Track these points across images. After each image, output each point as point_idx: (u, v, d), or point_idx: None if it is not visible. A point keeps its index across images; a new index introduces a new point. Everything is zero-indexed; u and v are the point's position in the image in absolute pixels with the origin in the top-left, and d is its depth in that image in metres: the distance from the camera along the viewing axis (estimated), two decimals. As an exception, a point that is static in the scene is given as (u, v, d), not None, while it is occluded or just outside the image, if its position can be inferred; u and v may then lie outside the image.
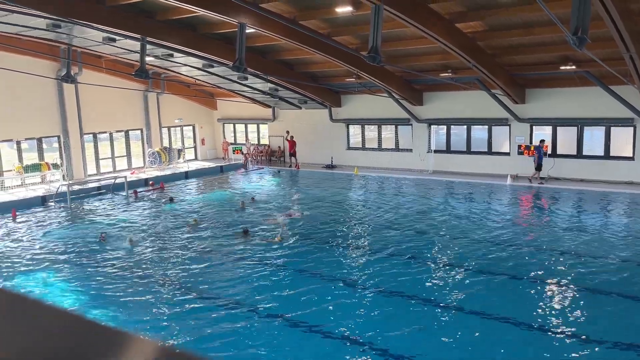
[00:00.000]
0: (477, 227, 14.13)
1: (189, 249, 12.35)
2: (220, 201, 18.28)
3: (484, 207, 16.82)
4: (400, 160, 24.59)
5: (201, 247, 12.44)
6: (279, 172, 23.70)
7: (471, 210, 16.29)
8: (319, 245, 12.44)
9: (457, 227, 14.08)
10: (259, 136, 30.39)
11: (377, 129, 25.82)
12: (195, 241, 12.98)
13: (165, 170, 25.85)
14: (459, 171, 22.83)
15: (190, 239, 13.30)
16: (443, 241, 12.79)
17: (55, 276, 10.85)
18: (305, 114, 27.33)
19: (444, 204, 17.30)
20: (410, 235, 13.36)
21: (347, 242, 12.87)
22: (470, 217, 15.25)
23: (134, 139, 27.28)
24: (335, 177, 23.92)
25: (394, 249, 12.09)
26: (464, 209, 16.52)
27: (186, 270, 10.78)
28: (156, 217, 16.16)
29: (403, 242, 12.68)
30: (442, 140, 23.95)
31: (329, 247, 12.22)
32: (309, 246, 12.25)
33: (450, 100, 22.74)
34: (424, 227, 14.23)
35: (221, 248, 12.36)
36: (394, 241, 12.79)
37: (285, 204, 16.79)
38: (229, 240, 12.95)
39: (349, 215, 15.78)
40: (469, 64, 16.70)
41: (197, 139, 30.67)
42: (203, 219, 15.38)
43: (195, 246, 12.53)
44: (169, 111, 28.23)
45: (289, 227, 13.58)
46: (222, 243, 12.81)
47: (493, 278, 10.22)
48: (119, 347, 0.82)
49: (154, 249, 12.50)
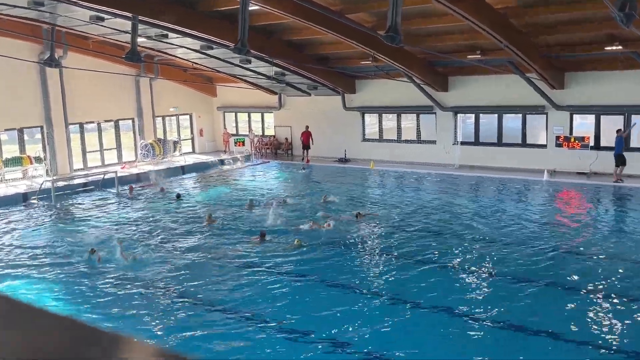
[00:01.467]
0: (510, 230, 14.11)
1: (197, 253, 12.50)
2: (230, 199, 18.50)
3: (518, 207, 16.77)
4: (422, 153, 24.57)
5: (212, 251, 12.61)
6: (303, 168, 23.56)
7: (503, 210, 16.27)
8: (339, 250, 12.55)
9: (488, 230, 14.09)
10: (263, 126, 30.50)
11: (396, 118, 25.81)
12: (205, 244, 13.14)
13: (160, 164, 26.02)
14: (489, 166, 22.76)
15: (200, 241, 13.45)
16: (471, 246, 12.81)
17: (38, 281, 10.98)
18: (315, 102, 27.35)
19: (472, 204, 17.27)
20: (433, 239, 13.40)
21: (366, 247, 12.92)
22: (502, 219, 15.23)
23: (124, 130, 27.40)
24: (349, 172, 23.95)
25: (417, 255, 12.16)
26: (495, 209, 16.51)
27: (193, 278, 10.91)
28: (158, 216, 16.27)
29: (427, 247, 12.72)
30: (469, 130, 23.90)
31: (349, 253, 12.35)
32: (330, 251, 12.37)
33: (478, 85, 22.65)
34: (450, 229, 14.25)
35: (234, 253, 12.52)
36: (416, 246, 12.83)
37: (327, 206, 16.74)
38: (243, 245, 13.11)
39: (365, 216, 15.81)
40: (500, 44, 16.61)
41: (194, 130, 30.85)
42: (215, 218, 15.58)
43: (205, 250, 12.68)
44: (164, 99, 28.35)
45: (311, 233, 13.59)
46: (236, 247, 12.96)
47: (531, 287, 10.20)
48: (115, 351, 0.90)
49: (155, 252, 12.65)
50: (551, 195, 18.68)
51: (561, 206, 17.39)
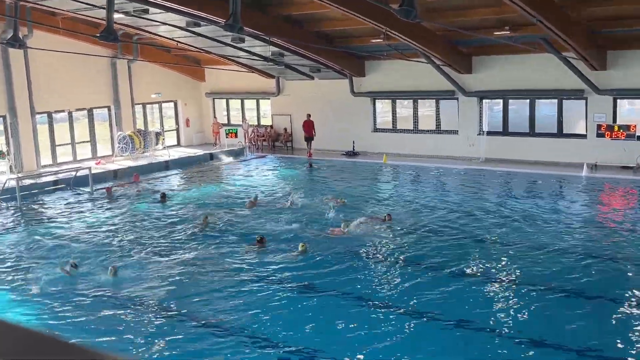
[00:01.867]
0: (545, 234, 14.06)
1: (186, 262, 12.54)
2: (223, 200, 18.57)
3: (553, 208, 16.71)
4: (442, 145, 24.55)
5: (205, 260, 12.66)
6: (310, 165, 23.48)
7: (537, 211, 16.21)
8: (350, 257, 12.57)
9: (518, 234, 14.07)
10: (259, 115, 30.50)
11: (413, 105, 25.75)
12: (196, 252, 13.21)
13: (140, 159, 26.01)
14: (519, 159, 22.71)
15: (190, 248, 13.50)
16: (500, 252, 12.78)
17: (3, 294, 11.03)
18: (318, 86, 27.29)
19: (500, 204, 17.26)
20: (456, 244, 13.38)
21: (380, 253, 12.93)
22: (534, 221, 15.18)
23: (99, 120, 27.39)
24: (358, 167, 23.93)
25: (438, 262, 12.15)
26: (526, 209, 16.45)
27: (182, 292, 10.94)
28: (141, 220, 16.27)
29: (448, 253, 12.70)
30: (497, 118, 23.83)
31: (361, 260, 12.40)
32: (339, 258, 12.40)
33: (507, 66, 22.61)
34: (475, 233, 14.22)
35: (228, 260, 12.56)
36: (437, 251, 12.84)
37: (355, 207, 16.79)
38: (237, 251, 13.14)
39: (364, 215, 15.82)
40: (533, 18, 16.49)
41: (180, 120, 30.88)
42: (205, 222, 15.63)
43: (195, 258, 12.73)
44: (144, 84, 28.29)
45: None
46: (229, 253, 13.00)
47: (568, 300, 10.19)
48: None
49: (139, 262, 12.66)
50: (592, 194, 18.58)
51: (603, 206, 17.31)
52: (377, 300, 10.29)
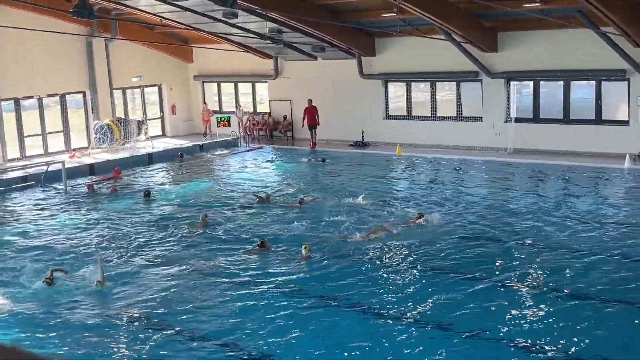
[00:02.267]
0: (582, 234, 14.05)
1: (177, 269, 12.57)
2: (217, 198, 18.61)
3: (591, 204, 16.65)
4: (464, 134, 24.49)
5: (198, 266, 12.70)
6: (322, 160, 23.14)
7: (571, 209, 16.19)
8: (356, 262, 12.62)
9: (552, 236, 14.07)
10: (255, 101, 30.38)
11: (430, 89, 25.64)
12: (188, 257, 13.24)
13: (120, 151, 25.89)
14: (552, 149, 22.72)
15: (181, 253, 13.53)
16: (531, 256, 12.79)
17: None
18: (323, 68, 27.19)
19: (531, 200, 17.20)
20: (481, 247, 13.36)
21: (396, 257, 12.94)
22: (570, 220, 15.11)
23: (73, 107, 27.25)
24: (368, 160, 23.84)
25: (462, 268, 12.16)
26: (561, 206, 16.43)
27: (174, 303, 10.94)
28: (124, 221, 16.30)
29: (473, 258, 12.71)
30: (526, 103, 23.68)
31: (374, 265, 12.43)
32: (349, 263, 12.47)
33: (538, 43, 22.53)
34: (502, 235, 14.23)
35: (227, 266, 12.61)
36: (461, 256, 12.83)
37: None
38: (237, 256, 13.21)
39: (393, 216, 15.86)
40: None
41: (165, 106, 30.77)
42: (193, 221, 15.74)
43: (188, 265, 12.77)
44: (124, 66, 28.19)
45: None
46: (229, 258, 13.07)
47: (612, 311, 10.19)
48: None
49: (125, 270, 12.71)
50: (635, 189, 18.54)
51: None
52: (399, 315, 10.16)
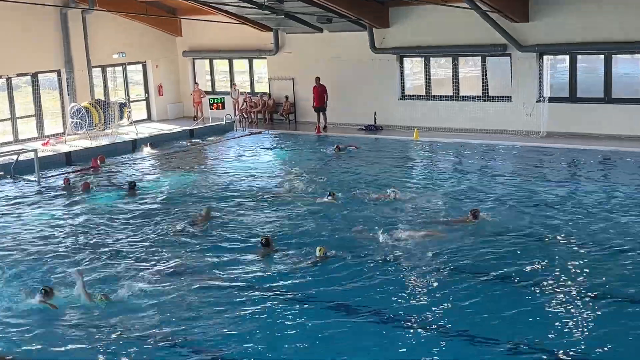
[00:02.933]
0: (627, 230, 13.62)
1: (172, 272, 12.26)
2: (213, 190, 18.43)
3: (637, 195, 16.25)
4: (491, 116, 24.19)
5: (195, 268, 12.46)
6: (339, 149, 21.88)
7: (614, 201, 15.82)
8: (381, 262, 12.43)
9: (592, 232, 13.74)
10: (252, 80, 30.32)
11: (452, 64, 25.39)
12: (183, 258, 12.89)
13: (99, 138, 25.83)
14: (591, 133, 22.32)
15: (175, 254, 13.18)
16: (568, 255, 12.47)
17: None
18: (329, 41, 26.97)
19: (567, 191, 16.99)
20: (513, 246, 13.00)
21: (418, 258, 12.61)
22: (612, 214, 14.74)
23: (47, 88, 27.36)
24: (382, 145, 23.64)
25: (490, 270, 11.85)
26: (602, 198, 16.12)
27: (172, 312, 10.57)
28: (107, 217, 15.98)
29: (504, 259, 12.39)
30: (562, 80, 23.51)
31: (394, 267, 12.28)
32: (370, 265, 12.23)
33: (576, 11, 22.05)
34: (536, 231, 13.89)
35: (228, 268, 12.40)
36: (490, 256, 12.51)
37: None
38: (240, 255, 13.07)
39: (409, 210, 15.56)
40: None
41: (150, 86, 30.65)
42: None
43: (184, 267, 12.47)
44: (104, 40, 28.07)
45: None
46: (230, 259, 12.90)
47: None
48: None
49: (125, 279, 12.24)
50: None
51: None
52: (429, 324, 9.84)
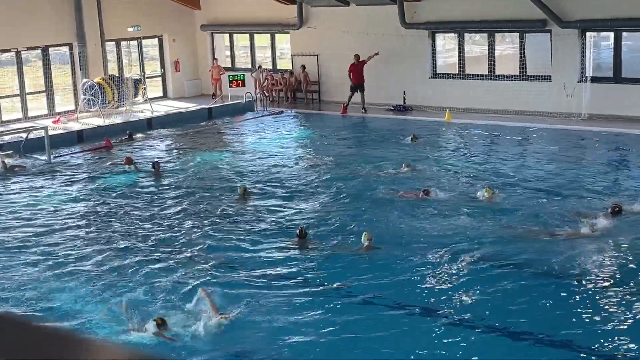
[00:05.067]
0: None
1: None
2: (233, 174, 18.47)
3: None
4: (529, 96, 23.83)
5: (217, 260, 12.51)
6: (415, 138, 20.52)
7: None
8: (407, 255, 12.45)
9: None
10: (274, 56, 30.33)
11: (487, 41, 25.35)
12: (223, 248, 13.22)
13: (113, 115, 25.85)
14: (637, 115, 22.07)
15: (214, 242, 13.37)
16: (614, 249, 12.44)
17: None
18: (356, 15, 26.69)
19: (611, 178, 17.14)
20: (554, 239, 12.98)
21: (439, 246, 12.69)
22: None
23: (58, 63, 27.39)
24: (411, 127, 23.18)
25: (526, 261, 12.01)
26: None
27: None
28: (130, 200, 16.22)
29: (542, 252, 12.38)
30: (605, 59, 23.69)
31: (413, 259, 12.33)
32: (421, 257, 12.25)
33: None
34: (576, 220, 13.79)
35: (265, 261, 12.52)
36: (527, 250, 12.51)
37: None
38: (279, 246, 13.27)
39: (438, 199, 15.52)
40: None
41: (166, 62, 30.64)
42: None
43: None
44: (118, 13, 27.86)
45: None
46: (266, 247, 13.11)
47: None
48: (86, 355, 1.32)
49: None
50: None
51: None
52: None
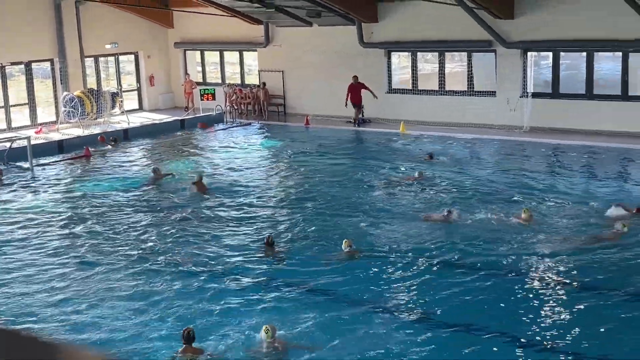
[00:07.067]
0: (593, 223, 14.01)
1: None
2: None
3: (617, 191, 16.59)
4: (475, 110, 24.27)
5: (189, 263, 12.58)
6: (431, 157, 19.87)
7: (596, 195, 16.09)
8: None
9: (571, 224, 14.05)
10: (242, 72, 30.66)
11: (438, 59, 25.67)
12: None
13: (92, 126, 25.86)
14: (574, 128, 22.51)
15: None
16: (551, 248, 12.81)
17: None
18: (319, 35, 27.14)
19: (550, 185, 17.24)
20: (495, 239, 13.29)
21: (392, 250, 13.03)
22: (593, 208, 14.99)
23: (40, 77, 27.27)
24: (368, 139, 23.79)
25: (467, 261, 12.26)
26: (584, 192, 16.50)
27: None
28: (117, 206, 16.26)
29: (486, 253, 12.69)
30: (545, 76, 23.81)
31: None
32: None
33: (559, 8, 22.16)
34: (518, 224, 14.04)
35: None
36: (474, 251, 12.80)
37: None
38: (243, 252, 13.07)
39: (389, 209, 15.67)
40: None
41: (142, 77, 30.81)
42: None
43: None
44: (97, 31, 28.11)
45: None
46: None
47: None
48: None
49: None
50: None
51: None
52: None
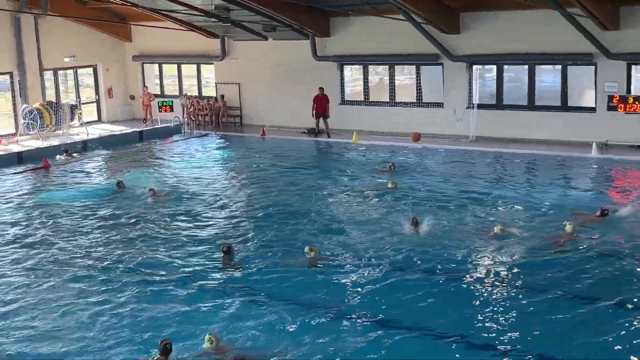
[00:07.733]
0: (547, 227, 14.14)
1: None
2: None
3: (556, 195, 16.87)
4: (424, 120, 24.66)
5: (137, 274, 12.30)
6: (392, 167, 19.72)
7: (535, 200, 16.29)
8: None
9: (519, 227, 14.17)
10: (200, 84, 30.63)
11: (388, 72, 25.96)
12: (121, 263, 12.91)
13: (51, 138, 25.73)
14: (516, 137, 23.06)
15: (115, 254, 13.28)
16: (494, 251, 12.95)
17: None
18: (273, 49, 27.40)
19: (494, 190, 17.38)
20: (440, 243, 13.41)
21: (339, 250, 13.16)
22: (535, 212, 15.26)
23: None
24: (321, 149, 23.99)
25: (415, 267, 12.35)
26: (526, 197, 16.64)
27: None
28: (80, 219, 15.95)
29: (431, 256, 12.83)
30: (489, 89, 24.08)
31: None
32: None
33: (502, 25, 22.69)
34: (464, 228, 14.36)
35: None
36: (417, 254, 12.89)
37: None
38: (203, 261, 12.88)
39: (338, 214, 15.86)
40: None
41: (100, 89, 30.75)
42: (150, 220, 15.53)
43: None
44: (56, 45, 28.11)
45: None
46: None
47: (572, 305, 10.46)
48: None
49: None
50: (602, 178, 18.94)
51: (616, 193, 17.36)
52: None
